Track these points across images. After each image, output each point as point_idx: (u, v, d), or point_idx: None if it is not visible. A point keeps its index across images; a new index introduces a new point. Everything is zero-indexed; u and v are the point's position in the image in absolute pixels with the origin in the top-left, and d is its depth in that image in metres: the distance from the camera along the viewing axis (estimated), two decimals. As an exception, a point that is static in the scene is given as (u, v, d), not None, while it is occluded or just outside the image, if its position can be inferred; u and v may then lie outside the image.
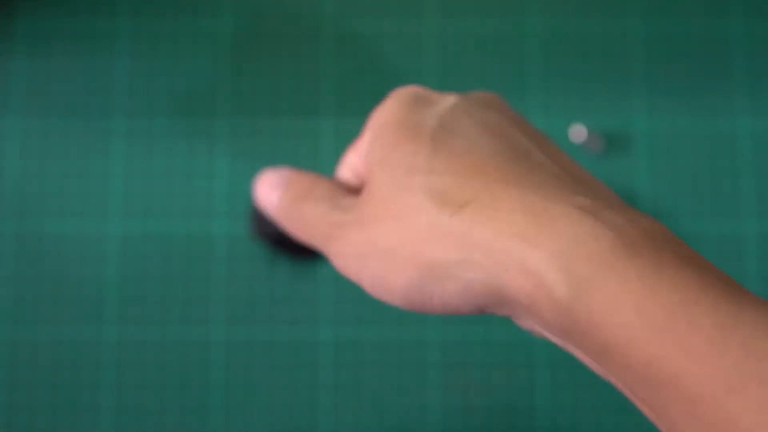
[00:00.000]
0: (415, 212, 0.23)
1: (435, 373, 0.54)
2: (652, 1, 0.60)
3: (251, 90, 0.58)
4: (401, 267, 0.23)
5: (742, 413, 0.20)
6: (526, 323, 0.23)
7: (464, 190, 0.23)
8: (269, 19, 0.59)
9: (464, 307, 0.23)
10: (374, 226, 0.24)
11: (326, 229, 0.26)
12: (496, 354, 0.55)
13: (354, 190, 0.29)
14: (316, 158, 0.57)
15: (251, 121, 0.58)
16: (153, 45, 0.59)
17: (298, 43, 0.59)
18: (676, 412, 0.22)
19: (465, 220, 0.22)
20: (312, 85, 0.58)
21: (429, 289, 0.23)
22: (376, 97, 0.58)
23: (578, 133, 0.54)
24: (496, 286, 0.22)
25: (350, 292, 0.55)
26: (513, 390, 0.54)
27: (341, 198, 0.27)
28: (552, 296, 0.21)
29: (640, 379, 0.22)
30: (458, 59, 0.59)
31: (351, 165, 0.29)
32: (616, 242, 0.22)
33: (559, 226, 0.21)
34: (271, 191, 0.28)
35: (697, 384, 0.21)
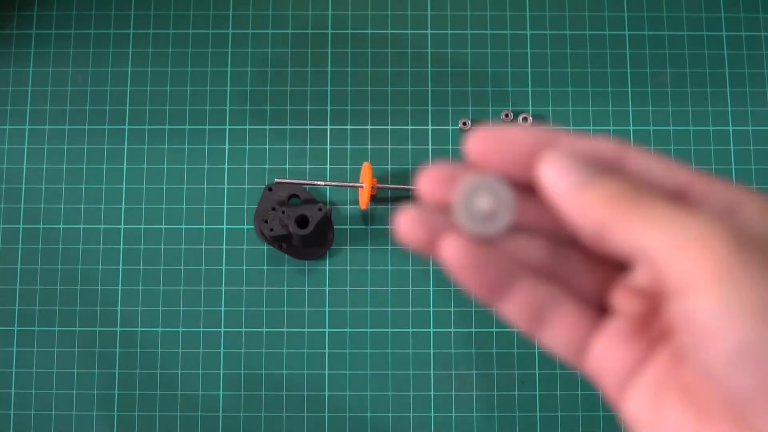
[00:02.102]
0: None
1: (434, 369, 0.55)
2: (638, 10, 0.60)
3: (255, 92, 0.59)
4: None
5: None
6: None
7: None
8: (272, 23, 0.60)
9: None
10: None
11: None
12: (494, 350, 0.55)
13: None
14: (319, 160, 0.58)
15: (255, 123, 0.58)
16: (160, 50, 0.59)
17: (301, 46, 0.60)
18: None
19: None
20: (315, 88, 0.59)
21: None
22: (379, 100, 0.59)
23: None
24: None
25: (350, 291, 0.56)
26: (511, 385, 0.55)
27: None
28: None
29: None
30: (458, 63, 0.59)
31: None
32: None
33: None
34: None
35: None
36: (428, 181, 0.24)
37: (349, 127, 0.58)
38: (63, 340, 0.55)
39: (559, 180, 0.22)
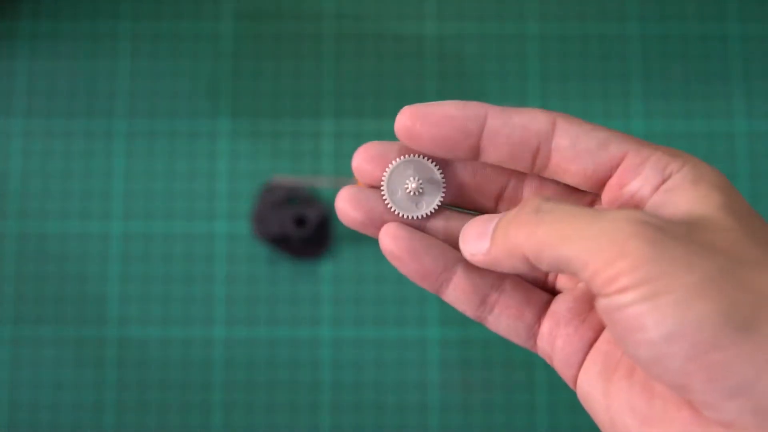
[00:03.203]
0: None
1: (434, 371, 0.55)
2: (649, 3, 0.60)
3: (252, 91, 0.59)
4: None
5: None
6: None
7: None
8: (270, 20, 0.60)
9: None
10: None
11: None
12: (494, 352, 0.55)
13: None
14: (317, 158, 0.58)
15: (252, 122, 0.58)
16: (154, 46, 0.59)
17: (299, 43, 0.59)
18: None
19: None
20: (313, 86, 0.59)
21: None
22: (377, 98, 0.58)
23: None
24: None
25: (350, 291, 0.56)
26: (512, 388, 0.55)
27: None
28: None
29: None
30: (458, 61, 0.59)
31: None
32: None
33: None
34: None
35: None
36: (360, 161, 0.24)
37: (348, 126, 0.58)
38: (56, 344, 0.55)
39: (472, 245, 0.23)
